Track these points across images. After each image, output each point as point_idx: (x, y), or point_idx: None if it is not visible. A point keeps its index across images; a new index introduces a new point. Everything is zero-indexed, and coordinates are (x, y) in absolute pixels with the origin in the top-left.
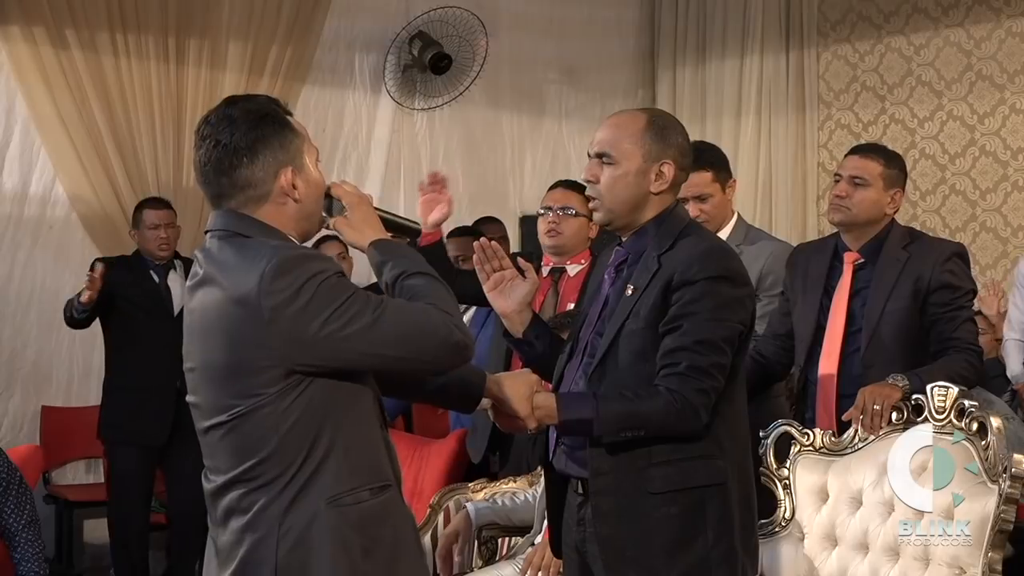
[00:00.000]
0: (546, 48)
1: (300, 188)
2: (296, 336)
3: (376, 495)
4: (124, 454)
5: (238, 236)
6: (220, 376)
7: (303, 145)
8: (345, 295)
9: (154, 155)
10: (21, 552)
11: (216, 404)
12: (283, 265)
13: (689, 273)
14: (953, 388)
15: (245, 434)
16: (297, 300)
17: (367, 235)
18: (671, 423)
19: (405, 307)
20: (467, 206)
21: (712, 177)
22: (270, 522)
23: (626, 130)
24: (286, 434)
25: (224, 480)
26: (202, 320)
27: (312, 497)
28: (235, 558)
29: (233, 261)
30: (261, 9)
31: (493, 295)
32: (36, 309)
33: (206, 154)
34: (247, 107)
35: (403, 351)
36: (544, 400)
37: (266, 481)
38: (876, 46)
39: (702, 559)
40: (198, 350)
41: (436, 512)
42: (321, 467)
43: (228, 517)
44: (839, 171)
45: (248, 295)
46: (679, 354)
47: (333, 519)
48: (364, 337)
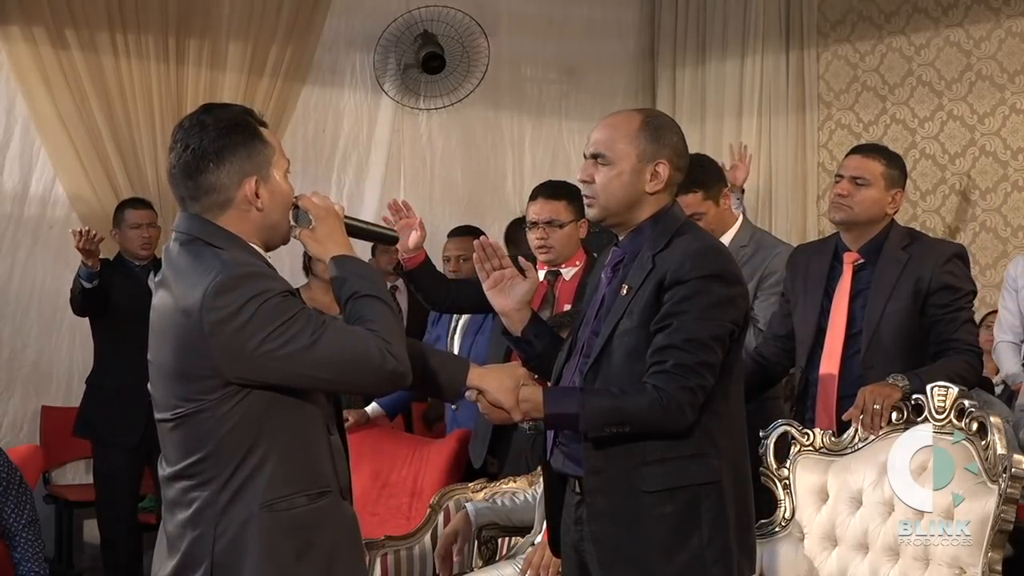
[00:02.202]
0: (546, 48)
1: (264, 198)
2: (234, 352)
3: (314, 500)
4: (109, 454)
5: (198, 241)
6: (168, 376)
7: (272, 156)
8: (286, 316)
9: (154, 155)
10: (21, 552)
11: (166, 401)
12: (227, 283)
13: (682, 272)
14: (953, 388)
15: (187, 433)
16: (237, 318)
17: (329, 249)
18: (656, 420)
19: (344, 332)
20: (467, 206)
21: (703, 196)
22: (207, 521)
23: (621, 130)
24: (223, 439)
25: (172, 472)
26: (158, 320)
27: (247, 500)
28: (179, 550)
29: (185, 270)
30: (261, 9)
31: (493, 293)
32: (36, 309)
33: (176, 157)
34: (220, 115)
35: (335, 374)
36: (531, 393)
37: (205, 480)
38: (877, 46)
39: (697, 557)
40: (156, 347)
41: (436, 512)
42: (256, 472)
43: (174, 508)
44: (840, 171)
45: (192, 307)
46: (667, 352)
47: (266, 523)
48: (299, 358)
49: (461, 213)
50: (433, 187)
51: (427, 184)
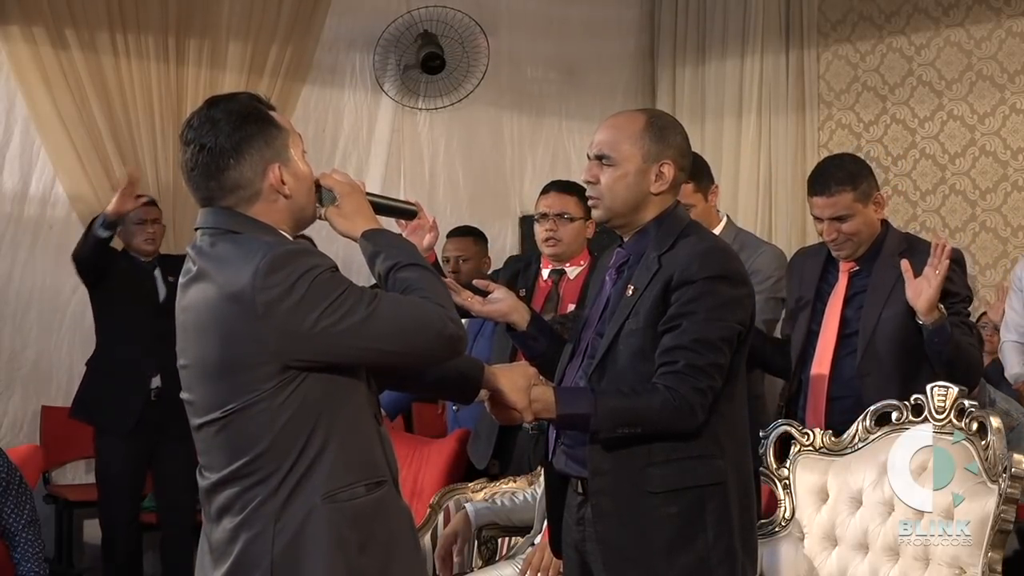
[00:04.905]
0: (546, 48)
1: (289, 183)
2: (291, 331)
3: (372, 491)
4: (108, 446)
5: (230, 233)
6: (214, 372)
7: (288, 139)
8: (339, 290)
9: (154, 155)
10: (21, 552)
11: (210, 401)
12: (276, 261)
13: (688, 272)
14: (953, 388)
15: (239, 431)
16: (291, 296)
17: (359, 225)
18: (667, 421)
19: (399, 301)
20: (467, 206)
21: (693, 188)
22: (265, 519)
23: (625, 131)
24: (281, 430)
25: (218, 477)
26: (196, 317)
27: (308, 493)
28: (230, 555)
29: (226, 257)
30: (261, 9)
31: (484, 312)
32: (36, 309)
33: (192, 158)
34: (229, 107)
35: (397, 345)
36: (542, 393)
37: (261, 478)
38: (877, 46)
39: (702, 558)
40: (192, 347)
41: (436, 512)
42: (316, 463)
43: (222, 514)
44: (815, 212)
45: (242, 291)
46: (677, 352)
47: (329, 515)
48: (359, 331)
49: (461, 213)
50: (433, 187)
51: (427, 184)
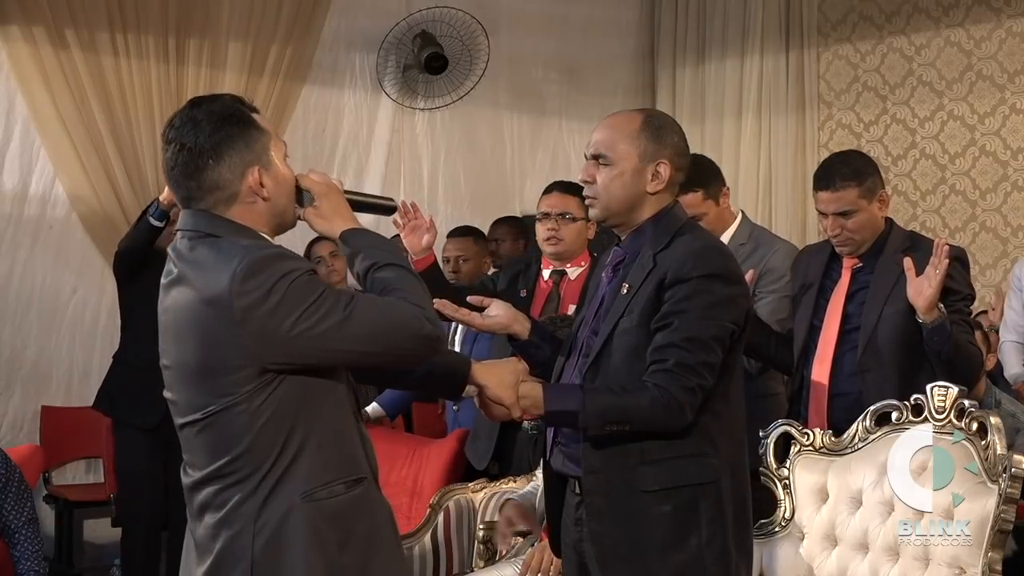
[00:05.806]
0: (546, 48)
1: (268, 186)
2: (268, 335)
3: (351, 488)
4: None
5: (209, 236)
6: (194, 375)
7: (270, 142)
8: (316, 293)
9: (154, 155)
10: (21, 550)
11: (191, 402)
12: (254, 265)
13: (683, 271)
14: (953, 388)
15: (219, 432)
16: (268, 300)
17: (337, 225)
18: (656, 419)
19: (376, 302)
20: (468, 206)
21: (703, 195)
22: (245, 518)
23: (622, 131)
24: (260, 431)
25: (200, 476)
26: (175, 320)
27: (286, 492)
28: (211, 552)
29: (204, 262)
30: (261, 9)
31: (485, 326)
32: (36, 309)
33: (172, 157)
34: (211, 108)
35: (374, 346)
36: (531, 390)
37: (240, 478)
38: (877, 46)
39: (695, 557)
40: (172, 349)
41: (436, 512)
42: (294, 463)
43: (203, 512)
44: (819, 207)
45: (220, 296)
46: (668, 351)
47: (308, 513)
48: (336, 334)
49: (461, 213)
50: (433, 187)
51: (427, 184)
